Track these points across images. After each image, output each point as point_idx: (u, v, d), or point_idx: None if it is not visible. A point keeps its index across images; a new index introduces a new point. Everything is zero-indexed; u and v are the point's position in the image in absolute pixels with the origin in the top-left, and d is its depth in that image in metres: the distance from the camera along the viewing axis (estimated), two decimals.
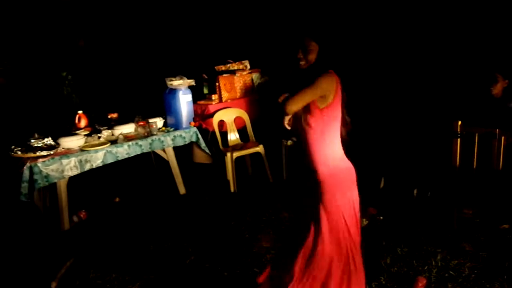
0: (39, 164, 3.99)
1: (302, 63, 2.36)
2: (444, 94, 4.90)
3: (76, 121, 4.97)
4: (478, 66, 4.67)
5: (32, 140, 4.22)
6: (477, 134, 3.77)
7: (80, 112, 5.01)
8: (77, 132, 4.73)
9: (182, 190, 5.24)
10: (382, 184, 4.92)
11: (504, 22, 4.72)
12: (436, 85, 5.05)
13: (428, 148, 4.59)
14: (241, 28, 6.92)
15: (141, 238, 4.10)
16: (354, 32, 5.69)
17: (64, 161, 4.14)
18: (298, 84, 2.34)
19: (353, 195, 2.48)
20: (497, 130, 3.63)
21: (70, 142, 4.35)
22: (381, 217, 4.18)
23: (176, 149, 5.14)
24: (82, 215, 4.59)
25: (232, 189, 5.23)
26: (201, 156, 5.61)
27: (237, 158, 5.25)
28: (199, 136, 5.20)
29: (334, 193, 2.40)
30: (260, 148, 5.33)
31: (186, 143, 5.15)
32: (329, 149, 2.41)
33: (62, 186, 4.27)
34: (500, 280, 3.09)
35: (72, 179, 4.35)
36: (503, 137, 3.66)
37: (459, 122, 3.82)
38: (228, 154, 5.17)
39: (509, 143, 3.68)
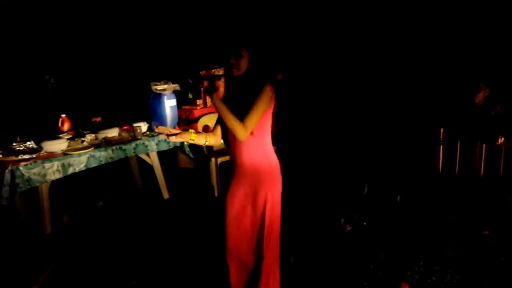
0: (21, 168, 3.93)
1: (234, 69, 2.50)
2: (428, 102, 4.96)
3: (59, 124, 4.91)
4: (461, 75, 4.75)
5: (14, 144, 4.15)
6: (459, 141, 3.83)
7: (63, 115, 4.95)
8: (60, 135, 4.67)
9: (166, 194, 5.21)
10: (365, 190, 4.96)
11: (487, 33, 4.81)
12: (420, 93, 5.11)
13: (411, 155, 4.64)
14: (227, 33, 6.93)
15: (125, 243, 4.06)
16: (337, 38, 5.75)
17: (47, 165, 4.09)
18: (232, 91, 2.61)
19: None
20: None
21: (53, 146, 4.30)
22: (365, 223, 4.20)
23: (160, 153, 5.12)
24: (64, 220, 4.54)
25: (216, 194, 5.21)
26: (185, 160, 5.59)
27: (222, 163, 5.25)
28: None
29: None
30: None
31: (170, 147, 5.13)
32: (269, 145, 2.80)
33: (44, 190, 4.21)
34: (481, 285, 3.14)
35: (54, 183, 4.30)
36: (484, 145, 3.73)
37: (442, 130, 3.88)
38: (213, 159, 5.16)
39: (490, 150, 3.75)
